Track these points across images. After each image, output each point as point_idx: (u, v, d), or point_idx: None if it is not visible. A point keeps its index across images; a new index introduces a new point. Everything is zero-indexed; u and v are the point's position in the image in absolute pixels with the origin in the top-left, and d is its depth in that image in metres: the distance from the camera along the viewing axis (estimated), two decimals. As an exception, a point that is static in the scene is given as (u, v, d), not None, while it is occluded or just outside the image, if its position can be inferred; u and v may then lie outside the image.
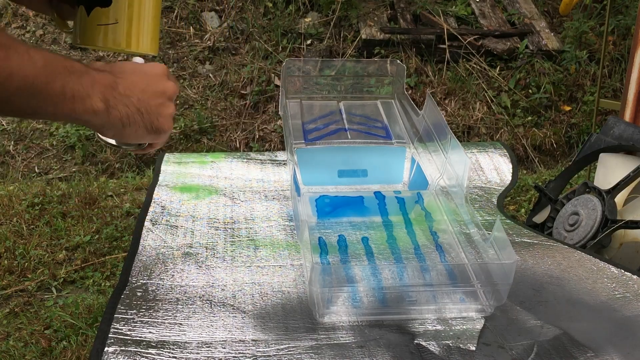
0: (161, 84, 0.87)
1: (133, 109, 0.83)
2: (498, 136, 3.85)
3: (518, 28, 4.26)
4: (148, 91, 0.85)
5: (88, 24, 0.93)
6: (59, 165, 3.66)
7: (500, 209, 1.38)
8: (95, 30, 0.92)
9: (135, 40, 0.94)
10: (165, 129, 0.88)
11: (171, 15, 4.37)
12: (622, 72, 3.99)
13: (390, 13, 4.36)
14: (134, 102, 0.83)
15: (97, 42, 0.94)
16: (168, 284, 1.07)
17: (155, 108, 0.86)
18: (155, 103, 0.86)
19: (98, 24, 0.92)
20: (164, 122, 0.88)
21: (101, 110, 0.79)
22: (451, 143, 1.23)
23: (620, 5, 4.28)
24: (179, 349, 0.91)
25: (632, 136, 1.91)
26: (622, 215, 1.70)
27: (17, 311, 2.39)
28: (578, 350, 0.93)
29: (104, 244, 2.77)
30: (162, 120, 0.87)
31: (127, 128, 0.83)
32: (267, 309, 1.02)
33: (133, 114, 0.83)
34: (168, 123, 0.88)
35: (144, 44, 0.95)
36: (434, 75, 4.06)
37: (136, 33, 0.94)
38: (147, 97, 0.85)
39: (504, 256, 1.01)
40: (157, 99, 0.86)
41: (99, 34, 0.93)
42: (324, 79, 1.60)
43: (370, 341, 0.94)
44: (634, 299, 1.06)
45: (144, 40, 0.95)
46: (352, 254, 1.17)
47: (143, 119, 0.84)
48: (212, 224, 1.27)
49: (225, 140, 3.82)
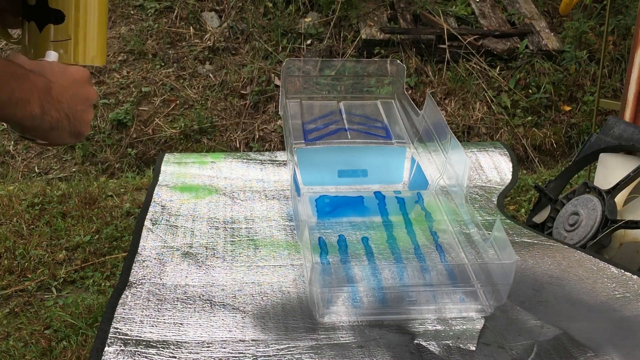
0: (86, 90, 0.90)
1: (62, 115, 0.86)
2: (498, 136, 3.85)
3: (518, 28, 4.26)
4: (76, 97, 0.88)
5: (41, 40, 0.96)
6: (59, 165, 3.66)
7: (500, 208, 1.38)
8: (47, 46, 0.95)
9: (87, 54, 0.98)
10: (85, 134, 0.91)
11: (171, 15, 4.37)
12: (622, 72, 3.99)
13: (390, 13, 4.36)
14: (64, 108, 0.86)
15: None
16: (168, 284, 1.07)
17: (80, 114, 0.89)
18: (81, 109, 0.89)
19: (51, 40, 0.95)
20: (85, 127, 0.90)
21: (37, 115, 0.82)
22: (451, 143, 1.23)
23: (620, 5, 4.28)
24: (179, 348, 0.91)
25: (632, 136, 1.91)
26: (622, 215, 1.70)
27: (17, 311, 2.39)
28: (578, 350, 0.93)
29: (104, 244, 2.77)
30: (84, 126, 0.90)
31: (54, 131, 0.86)
32: (267, 308, 1.02)
33: (62, 119, 0.86)
34: (87, 128, 0.91)
35: (95, 56, 0.99)
36: (434, 75, 4.06)
37: (82, 46, 0.98)
38: (74, 103, 0.87)
39: (504, 256, 1.01)
40: (82, 105, 0.89)
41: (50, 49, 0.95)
42: (324, 79, 1.60)
43: (370, 341, 0.94)
44: (634, 299, 1.06)
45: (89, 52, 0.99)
46: (352, 254, 1.17)
47: (69, 125, 0.87)
48: (212, 224, 1.27)
49: (225, 140, 3.82)
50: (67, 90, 0.87)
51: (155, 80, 4.04)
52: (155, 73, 4.07)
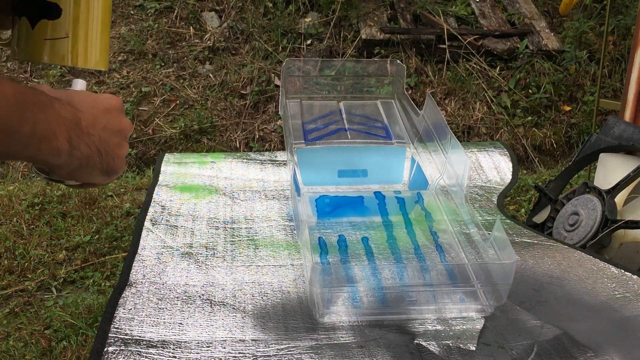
0: (119, 121, 0.80)
1: (94, 149, 0.76)
2: (498, 136, 3.85)
3: (518, 28, 4.26)
4: (108, 129, 0.78)
5: (32, 37, 0.84)
6: (59, 165, 3.65)
7: (500, 208, 1.38)
8: (41, 45, 0.84)
9: (84, 55, 0.86)
10: (119, 170, 0.81)
11: (171, 15, 4.37)
12: (622, 72, 3.99)
13: (390, 13, 4.36)
14: (95, 142, 0.76)
15: (44, 57, 0.86)
16: (168, 284, 1.07)
17: (113, 148, 0.79)
18: (114, 142, 0.79)
19: (45, 38, 0.84)
20: (120, 163, 0.81)
21: (65, 150, 0.71)
22: (451, 143, 1.23)
23: (620, 5, 4.28)
24: (179, 348, 0.91)
25: (632, 136, 1.91)
26: (622, 215, 1.70)
27: (17, 311, 2.39)
28: (578, 350, 0.93)
29: (104, 244, 2.77)
30: (118, 161, 0.80)
31: (83, 169, 0.76)
32: (267, 308, 1.02)
33: (93, 155, 0.76)
34: (122, 165, 0.82)
35: (91, 59, 0.87)
36: (434, 75, 4.06)
37: (83, 47, 0.86)
38: (107, 136, 0.78)
39: (504, 256, 1.01)
40: (116, 137, 0.79)
41: (45, 49, 0.84)
42: (324, 79, 1.60)
43: (370, 341, 0.94)
44: (634, 299, 1.06)
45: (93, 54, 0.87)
46: (352, 254, 1.17)
47: (101, 161, 0.77)
48: (212, 224, 1.27)
49: (225, 140, 3.82)
50: (99, 121, 0.76)
51: (155, 80, 4.04)
52: (155, 73, 4.07)
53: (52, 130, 0.69)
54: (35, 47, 0.84)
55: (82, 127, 0.74)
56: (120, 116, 0.80)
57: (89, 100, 0.77)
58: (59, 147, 0.70)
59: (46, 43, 0.84)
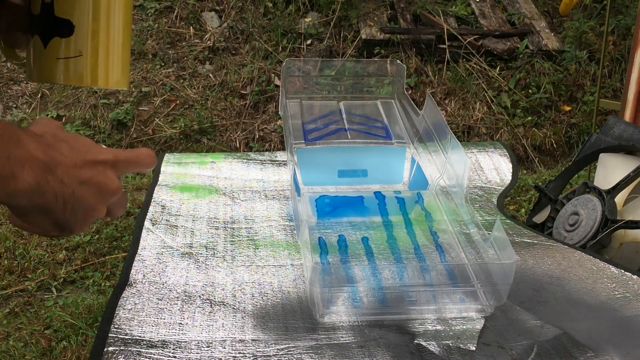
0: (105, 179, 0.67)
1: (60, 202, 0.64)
2: (498, 136, 3.85)
3: (518, 28, 4.26)
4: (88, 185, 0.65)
5: (45, 57, 0.77)
6: (59, 165, 3.65)
7: (500, 209, 1.38)
8: (54, 65, 0.78)
9: (102, 75, 0.80)
10: (75, 232, 0.68)
11: (171, 15, 4.37)
12: (622, 72, 3.99)
13: (390, 13, 4.36)
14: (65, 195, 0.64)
15: (58, 78, 0.79)
16: (168, 284, 1.07)
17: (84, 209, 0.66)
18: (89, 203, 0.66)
19: (58, 57, 0.77)
20: (81, 226, 0.68)
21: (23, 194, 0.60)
22: (451, 143, 1.22)
23: (620, 5, 4.28)
24: (179, 348, 0.91)
25: (632, 136, 1.91)
26: (622, 215, 1.70)
27: (17, 311, 2.39)
28: (578, 350, 0.93)
29: (104, 244, 2.77)
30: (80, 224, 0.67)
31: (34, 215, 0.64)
32: (267, 308, 1.02)
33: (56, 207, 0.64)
34: (82, 228, 0.68)
35: (112, 78, 0.81)
36: (434, 75, 4.06)
37: (104, 66, 0.79)
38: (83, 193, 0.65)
39: (504, 256, 1.01)
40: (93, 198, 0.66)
41: (59, 69, 0.78)
42: (324, 79, 1.60)
43: (370, 341, 0.94)
44: (634, 299, 1.06)
45: (112, 73, 0.80)
46: (352, 254, 1.17)
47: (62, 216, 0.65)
48: (212, 224, 1.27)
49: (225, 140, 3.82)
50: (80, 173, 0.65)
51: (155, 80, 4.04)
52: (155, 73, 4.07)
53: (11, 171, 0.59)
54: (48, 67, 0.78)
55: (57, 173, 0.63)
56: (110, 175, 0.68)
57: (81, 146, 0.66)
58: (16, 190, 0.59)
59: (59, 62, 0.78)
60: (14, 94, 3.99)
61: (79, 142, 0.67)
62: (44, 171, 0.61)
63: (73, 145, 0.66)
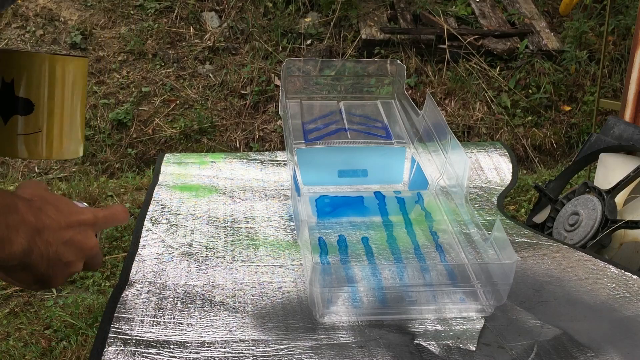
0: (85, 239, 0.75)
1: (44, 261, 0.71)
2: (498, 136, 3.85)
3: (518, 28, 4.26)
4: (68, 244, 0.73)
5: (5, 133, 0.83)
6: (58, 165, 3.66)
7: (500, 209, 1.38)
8: (15, 140, 0.83)
9: (57, 148, 0.85)
10: (52, 287, 0.76)
11: (171, 15, 4.37)
12: (622, 72, 3.99)
13: (390, 13, 4.36)
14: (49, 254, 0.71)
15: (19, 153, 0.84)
16: (168, 284, 1.07)
17: (62, 266, 0.73)
18: (67, 260, 0.73)
19: (18, 133, 0.82)
20: (58, 282, 0.75)
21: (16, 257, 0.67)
22: (451, 143, 1.22)
23: (620, 5, 4.28)
24: (179, 348, 0.91)
25: (632, 136, 1.91)
26: (622, 215, 1.70)
27: (17, 311, 2.39)
28: (578, 350, 0.93)
29: (104, 244, 2.77)
30: (57, 279, 0.74)
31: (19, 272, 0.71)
32: (267, 308, 1.02)
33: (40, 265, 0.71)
34: (59, 283, 0.76)
35: (68, 150, 0.87)
36: (434, 75, 4.06)
37: (58, 140, 0.85)
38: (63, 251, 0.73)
39: (504, 256, 1.01)
40: (72, 255, 0.74)
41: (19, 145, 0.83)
42: (324, 79, 1.60)
43: (370, 341, 0.94)
44: (634, 299, 1.06)
45: (68, 146, 0.86)
46: (352, 254, 1.17)
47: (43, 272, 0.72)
48: (212, 223, 1.27)
49: (225, 140, 3.82)
50: (62, 234, 0.72)
51: (155, 80, 4.04)
52: (155, 73, 4.07)
53: (8, 236, 0.65)
54: (9, 143, 0.83)
55: (44, 235, 0.70)
56: (89, 234, 0.76)
57: (65, 208, 0.74)
58: (11, 252, 0.66)
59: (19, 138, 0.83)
60: (14, 94, 3.99)
61: (62, 203, 0.75)
62: (34, 234, 0.68)
63: (58, 207, 0.73)
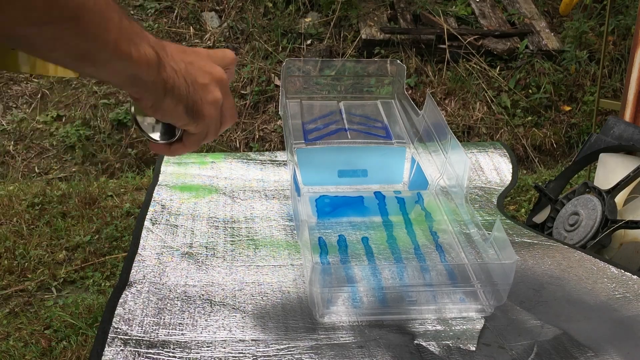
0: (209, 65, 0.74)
1: (180, 77, 0.69)
2: (498, 136, 3.85)
3: (518, 28, 4.26)
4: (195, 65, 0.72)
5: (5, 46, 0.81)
6: (59, 165, 3.66)
7: (500, 209, 1.38)
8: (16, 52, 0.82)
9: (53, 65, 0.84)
10: (205, 114, 0.74)
11: (171, 15, 4.37)
12: (622, 72, 3.99)
13: (390, 13, 4.36)
14: (181, 69, 0.70)
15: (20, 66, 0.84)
16: (168, 284, 1.07)
17: (200, 86, 0.72)
18: (201, 82, 0.73)
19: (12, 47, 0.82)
20: (208, 109, 0.74)
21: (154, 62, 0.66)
22: (451, 143, 1.22)
23: (620, 5, 4.28)
24: (179, 348, 0.91)
25: (632, 136, 1.91)
26: (622, 215, 1.70)
27: (17, 311, 2.39)
28: (578, 350, 0.93)
29: (104, 244, 2.77)
30: (206, 105, 0.73)
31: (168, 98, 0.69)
32: (267, 308, 1.02)
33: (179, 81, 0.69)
34: (209, 110, 0.74)
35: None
36: (434, 75, 4.06)
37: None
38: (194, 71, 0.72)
39: (504, 256, 1.01)
40: (203, 77, 0.73)
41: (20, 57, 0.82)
42: (324, 79, 1.60)
43: (370, 341, 0.94)
44: (634, 299, 1.06)
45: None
46: (352, 254, 1.17)
47: (187, 92, 0.71)
48: (212, 223, 1.27)
49: (225, 140, 3.82)
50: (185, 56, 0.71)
51: (155, 80, 4.03)
52: (155, 73, 4.07)
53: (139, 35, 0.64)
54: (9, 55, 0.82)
55: (167, 51, 0.69)
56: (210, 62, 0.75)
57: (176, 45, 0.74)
58: (147, 55, 0.65)
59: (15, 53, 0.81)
60: (14, 94, 3.99)
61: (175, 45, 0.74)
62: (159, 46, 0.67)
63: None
